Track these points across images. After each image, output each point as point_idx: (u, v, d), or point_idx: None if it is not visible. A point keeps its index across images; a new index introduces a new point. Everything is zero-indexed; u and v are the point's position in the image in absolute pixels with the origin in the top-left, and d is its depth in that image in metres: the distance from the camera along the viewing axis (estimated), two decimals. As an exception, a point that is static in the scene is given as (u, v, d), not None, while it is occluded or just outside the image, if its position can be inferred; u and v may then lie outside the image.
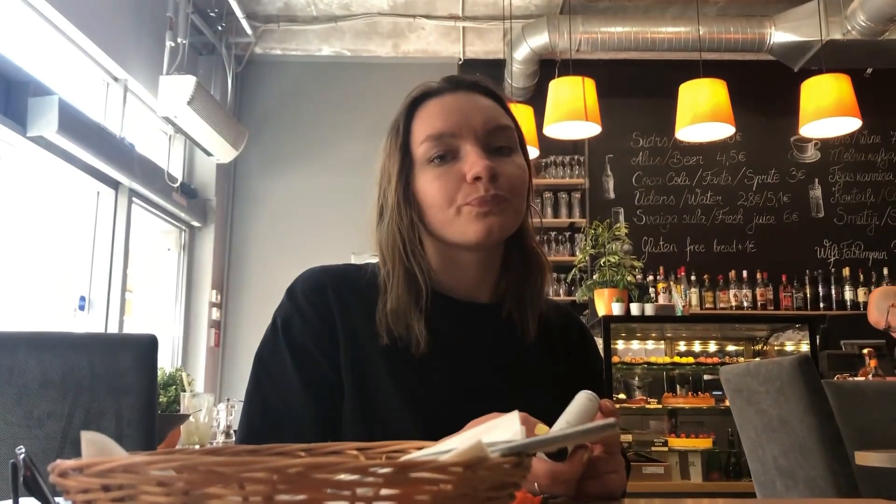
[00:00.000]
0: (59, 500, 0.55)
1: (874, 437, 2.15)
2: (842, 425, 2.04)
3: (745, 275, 5.21)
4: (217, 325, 5.21)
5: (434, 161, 0.92)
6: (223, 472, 0.33)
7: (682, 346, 4.43)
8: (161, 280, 5.02)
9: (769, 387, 2.16)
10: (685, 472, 3.79)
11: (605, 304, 3.78)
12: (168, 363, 4.76)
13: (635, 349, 4.63)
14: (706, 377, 4.10)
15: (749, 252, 5.37)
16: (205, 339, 5.04)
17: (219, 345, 5.22)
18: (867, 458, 1.72)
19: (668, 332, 4.26)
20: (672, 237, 5.42)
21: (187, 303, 5.06)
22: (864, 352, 3.04)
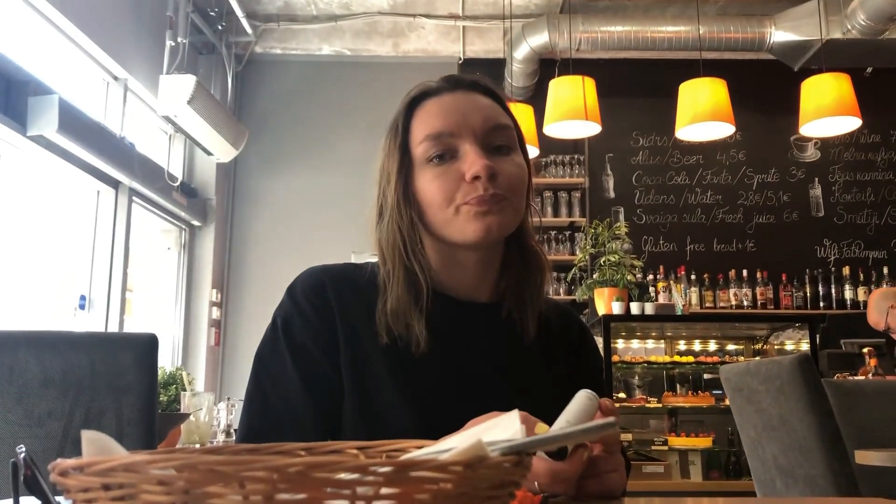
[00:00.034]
0: (60, 499, 0.55)
1: (874, 436, 2.15)
2: (842, 424, 2.04)
3: (745, 274, 5.20)
4: (217, 325, 5.21)
5: (433, 160, 0.92)
6: (223, 471, 0.33)
7: (682, 346, 4.42)
8: (161, 279, 5.02)
9: (769, 386, 2.16)
10: (685, 472, 3.79)
11: (605, 303, 3.78)
12: (168, 362, 4.76)
13: (635, 348, 4.63)
14: (706, 376, 4.10)
15: (749, 251, 5.37)
16: (205, 339, 5.04)
17: (219, 344, 5.23)
18: (867, 456, 1.72)
19: (668, 332, 4.26)
20: (672, 236, 5.42)
21: (187, 302, 5.07)
22: (864, 351, 3.03)
